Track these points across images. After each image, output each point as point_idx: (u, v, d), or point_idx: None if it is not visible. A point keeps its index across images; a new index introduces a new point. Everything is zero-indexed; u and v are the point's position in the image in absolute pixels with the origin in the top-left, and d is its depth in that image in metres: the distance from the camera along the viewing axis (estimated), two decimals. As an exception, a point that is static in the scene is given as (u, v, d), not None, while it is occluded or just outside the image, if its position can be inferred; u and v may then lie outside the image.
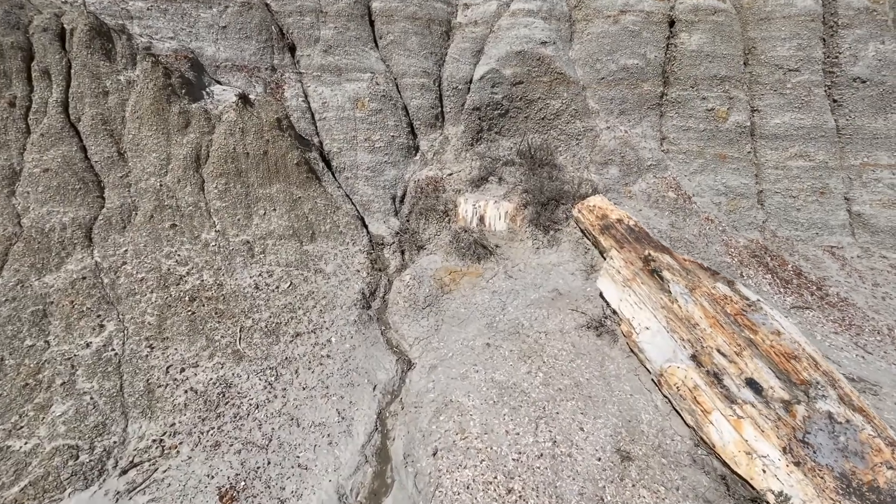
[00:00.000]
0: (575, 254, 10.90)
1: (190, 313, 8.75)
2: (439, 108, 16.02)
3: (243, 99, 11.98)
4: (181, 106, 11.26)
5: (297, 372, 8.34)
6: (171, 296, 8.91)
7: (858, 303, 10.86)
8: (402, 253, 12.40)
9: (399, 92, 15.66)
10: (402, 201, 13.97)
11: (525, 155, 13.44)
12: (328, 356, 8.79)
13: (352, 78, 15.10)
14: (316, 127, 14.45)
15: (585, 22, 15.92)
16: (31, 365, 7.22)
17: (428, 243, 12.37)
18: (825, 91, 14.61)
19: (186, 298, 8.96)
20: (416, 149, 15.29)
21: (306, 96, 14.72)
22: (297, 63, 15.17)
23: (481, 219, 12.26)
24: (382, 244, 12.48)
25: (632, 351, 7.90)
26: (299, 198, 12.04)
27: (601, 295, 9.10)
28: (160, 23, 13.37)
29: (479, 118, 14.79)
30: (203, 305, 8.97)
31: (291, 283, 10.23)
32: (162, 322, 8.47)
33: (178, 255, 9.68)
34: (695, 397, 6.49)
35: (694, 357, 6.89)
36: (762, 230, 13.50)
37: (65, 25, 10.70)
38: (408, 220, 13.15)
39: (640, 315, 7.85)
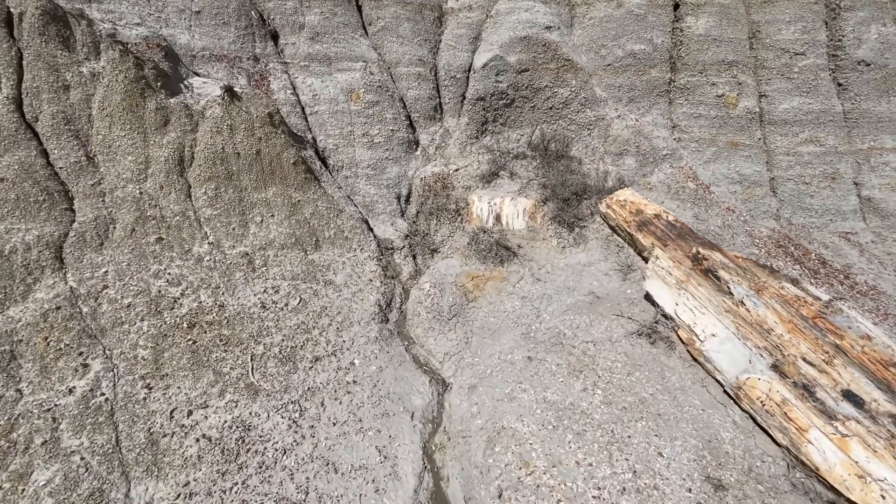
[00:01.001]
0: (606, 252, 10.18)
1: (190, 343, 7.50)
2: (437, 99, 14.96)
3: (229, 92, 10.57)
4: (158, 101, 9.79)
5: (322, 404, 7.26)
6: (165, 323, 7.61)
7: (888, 290, 10.63)
8: (414, 258, 11.38)
9: (394, 82, 14.52)
10: (407, 201, 12.90)
11: (538, 147, 12.60)
12: (354, 382, 7.73)
13: (343, 68, 13.84)
14: (308, 122, 13.14)
15: (586, 6, 15.15)
16: (1, 422, 5.88)
17: (442, 246, 11.39)
18: (830, 75, 14.40)
19: (184, 325, 7.69)
20: (416, 143, 14.21)
21: (294, 88, 13.38)
22: (282, 52, 13.78)
23: (497, 217, 11.37)
24: (392, 249, 11.41)
25: (695, 360, 7.24)
26: (298, 201, 10.80)
27: (648, 298, 8.41)
28: (124, 6, 11.71)
29: (484, 109, 13.84)
30: (205, 332, 7.72)
31: (301, 298, 9.07)
32: (158, 356, 7.19)
33: (169, 273, 8.35)
34: (785, 413, 5.87)
35: (776, 367, 6.28)
36: (777, 218, 13.20)
37: (11, 9, 9.01)
38: (416, 222, 12.11)
39: (703, 321, 7.19)
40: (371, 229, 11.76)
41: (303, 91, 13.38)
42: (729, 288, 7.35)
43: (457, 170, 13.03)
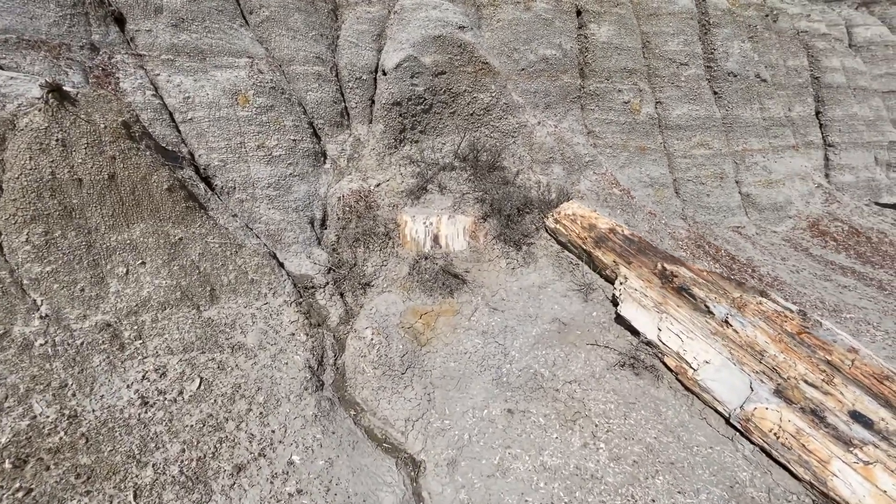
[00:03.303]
0: (559, 271, 9.30)
1: (22, 493, 4.62)
2: (342, 104, 12.86)
3: (56, 93, 7.30)
4: (-73, 105, 6.29)
5: (259, 542, 5.02)
6: (-33, 468, 4.60)
7: (786, 279, 11.57)
8: (342, 296, 9.30)
9: (289, 83, 12.06)
10: (323, 225, 10.65)
11: (467, 158, 11.35)
12: (299, 492, 5.57)
13: (222, 64, 11.01)
14: (180, 132, 10.11)
15: (493, 7, 14.33)
16: None
17: (375, 278, 9.49)
18: (708, 84, 15.66)
19: (6, 464, 4.75)
20: (324, 155, 11.97)
21: (156, 88, 10.22)
22: (132, 41, 10.46)
23: (436, 239, 9.85)
24: (312, 287, 9.17)
25: (688, 390, 6.60)
26: (180, 239, 8.00)
27: (621, 321, 7.66)
28: None
29: (401, 115, 12.15)
30: (47, 468, 4.87)
31: (201, 378, 6.49)
32: (-44, 533, 4.25)
33: (-31, 378, 5.21)
34: (803, 445, 5.42)
35: (779, 392, 5.86)
36: (684, 218, 13.86)
37: None
38: (337, 250, 9.99)
39: (693, 346, 6.59)
40: (282, 265, 9.35)
41: (169, 92, 10.28)
42: (707, 306, 6.91)
43: (378, 185, 11.16)
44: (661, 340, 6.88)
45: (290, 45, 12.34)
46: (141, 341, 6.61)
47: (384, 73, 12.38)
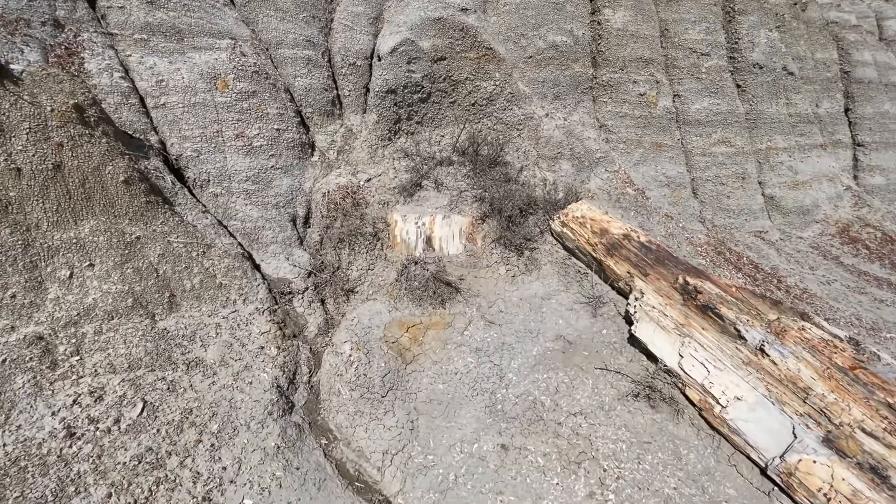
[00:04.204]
0: (565, 280, 8.26)
1: None
2: (334, 91, 11.83)
3: (-6, 70, 6.40)
4: None
5: None
6: None
7: (816, 291, 10.44)
8: (323, 303, 8.34)
9: (276, 68, 11.07)
10: (306, 223, 9.68)
11: (466, 152, 10.31)
12: (247, 548, 4.65)
13: (201, 45, 10.03)
14: (151, 119, 9.18)
15: (500, -11, 13.20)
16: None
17: (360, 284, 8.52)
18: (731, 76, 14.42)
19: None
20: (312, 146, 10.98)
21: (127, 71, 9.28)
22: (104, 18, 9.51)
23: (428, 241, 8.85)
24: (290, 293, 8.22)
25: (714, 430, 5.57)
26: (137, 238, 7.07)
27: (635, 342, 6.63)
28: None
29: (395, 104, 11.12)
30: (-71, 523, 3.98)
31: (145, 403, 5.57)
32: None
33: None
34: (861, 512, 4.40)
35: (829, 442, 4.84)
36: (703, 221, 12.72)
37: None
38: (321, 252, 9.03)
39: (722, 379, 5.56)
40: (257, 267, 8.41)
41: (141, 75, 9.33)
42: (738, 330, 5.86)
43: (368, 180, 10.17)
44: (682, 369, 5.85)
45: (278, 26, 11.33)
46: (78, 357, 5.70)
47: (379, 59, 11.34)
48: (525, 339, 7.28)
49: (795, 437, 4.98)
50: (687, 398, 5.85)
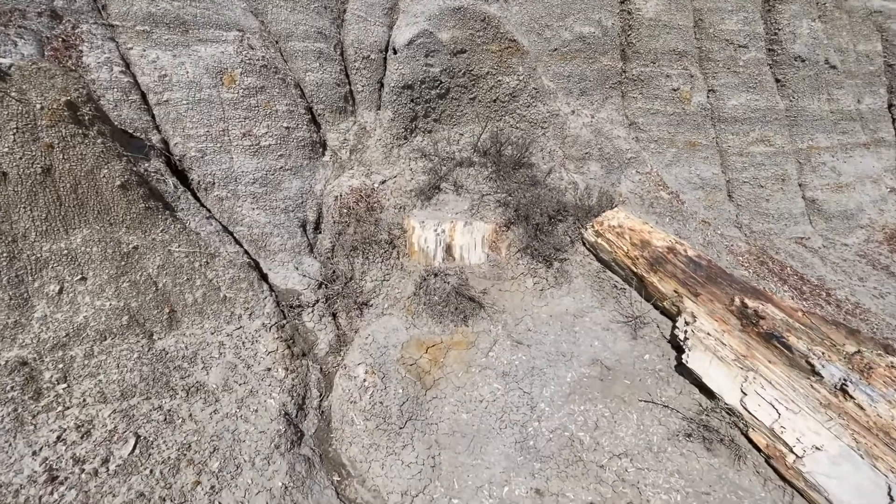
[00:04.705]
0: (600, 295, 7.51)
1: None
2: (347, 87, 11.13)
3: (-23, 63, 5.81)
4: None
5: None
6: None
7: (870, 306, 9.54)
8: (335, 317, 7.70)
9: (285, 62, 10.41)
10: (317, 229, 9.04)
11: (489, 152, 9.56)
12: None
13: (207, 37, 9.39)
14: (153, 117, 8.58)
15: (523, -23, 12.34)
16: None
17: (374, 296, 7.86)
18: (770, 70, 13.43)
19: None
20: (324, 145, 10.33)
21: (128, 65, 8.68)
22: (105, 9, 8.90)
23: (448, 249, 8.15)
24: (299, 306, 7.59)
25: (785, 481, 4.83)
26: (135, 248, 6.48)
27: (684, 370, 5.89)
28: None
29: (412, 100, 10.39)
30: None
31: (138, 438, 4.98)
32: None
33: None
34: None
35: (933, 507, 4.10)
36: (739, 226, 11.84)
37: None
38: (332, 260, 8.39)
39: (797, 423, 4.81)
40: (265, 278, 7.80)
41: (143, 69, 8.73)
42: (812, 365, 5.10)
43: (383, 182, 9.49)
44: (745, 408, 5.10)
45: (288, 17, 10.64)
46: (66, 385, 5.12)
47: (395, 52, 10.61)
48: (557, 363, 6.56)
49: (892, 499, 4.23)
50: (751, 442, 5.11)
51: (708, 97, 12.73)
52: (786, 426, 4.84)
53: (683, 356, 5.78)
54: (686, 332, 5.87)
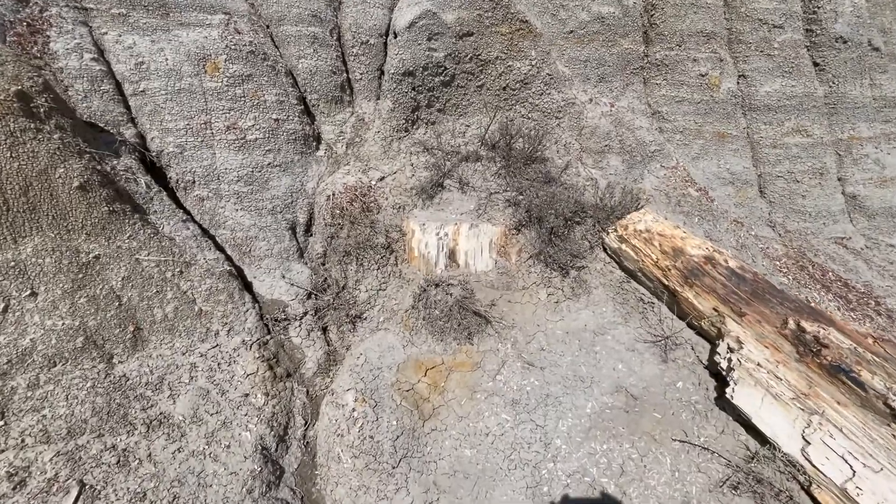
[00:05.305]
0: (623, 310, 6.59)
1: None
2: (344, 74, 10.21)
3: None
4: None
5: None
6: None
7: (925, 318, 8.46)
8: (325, 331, 6.90)
9: (276, 48, 9.53)
10: (307, 231, 8.23)
11: (497, 145, 8.63)
12: None
13: (189, 21, 8.54)
14: (128, 108, 7.80)
15: (536, -47, 11.25)
16: None
17: (369, 308, 7.03)
18: (807, 52, 12.20)
19: None
20: (317, 139, 9.47)
21: (102, 52, 7.88)
22: (76, -10, 8.09)
23: (452, 255, 7.28)
24: (285, 319, 6.80)
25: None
26: (96, 257, 5.71)
27: (726, 404, 4.98)
28: None
29: (414, 88, 9.46)
30: None
31: (83, 487, 4.23)
32: None
33: None
34: None
35: None
36: (773, 225, 10.76)
37: None
38: (324, 266, 7.58)
39: (880, 486, 3.89)
40: (248, 287, 7.01)
41: (118, 56, 7.91)
42: (891, 408, 4.16)
43: (381, 178, 8.62)
44: (808, 459, 4.19)
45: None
46: (2, 423, 4.39)
47: (395, 35, 9.66)
48: (575, 390, 5.68)
49: None
50: (814, 501, 4.20)
51: (738, 83, 11.57)
52: (863, 488, 3.93)
53: (727, 390, 4.87)
54: (731, 360, 4.95)
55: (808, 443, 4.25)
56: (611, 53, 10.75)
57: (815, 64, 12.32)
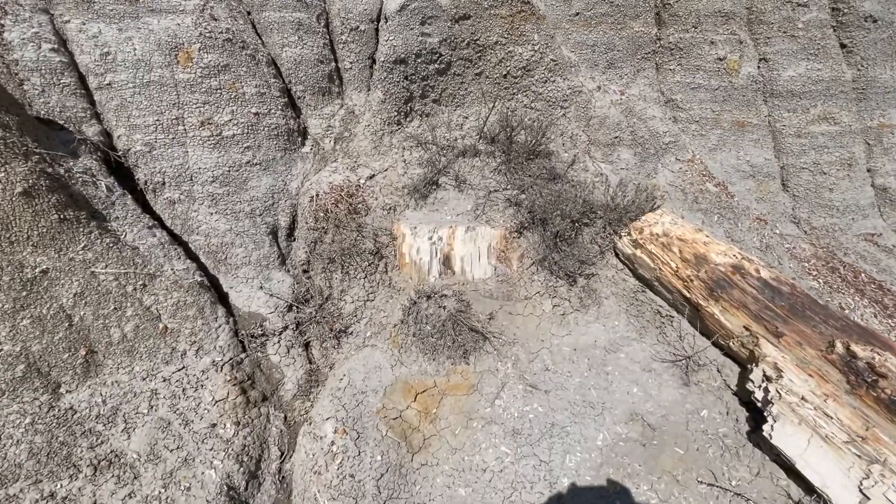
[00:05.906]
0: (638, 323, 5.85)
1: None
2: (332, 63, 9.44)
3: None
4: None
5: None
6: None
7: (970, 324, 7.63)
8: (307, 347, 6.25)
9: (258, 35, 8.79)
10: (290, 236, 7.54)
11: (497, 138, 7.86)
12: None
13: (161, 7, 7.80)
14: (92, 103, 7.12)
15: (538, -72, 10.34)
16: None
17: (355, 321, 6.35)
18: (834, 33, 11.24)
19: None
20: (303, 134, 8.75)
21: (63, 42, 7.20)
22: (36, -26, 7.37)
23: (446, 261, 6.57)
24: (263, 335, 6.14)
25: None
26: (44, 272, 5.07)
27: (761, 440, 4.27)
28: None
29: (406, 77, 8.69)
30: None
31: (8, 549, 3.64)
32: None
33: None
34: None
35: None
36: (797, 222, 9.93)
37: None
38: (307, 274, 6.90)
39: (958, 554, 3.18)
40: (223, 300, 6.35)
41: (82, 47, 7.22)
42: (970, 455, 3.43)
43: (371, 176, 7.91)
44: (867, 516, 3.48)
45: (261, -18, 8.94)
46: (-82, 471, 3.77)
47: (386, 20, 8.88)
48: (584, 418, 4.99)
49: None
50: (874, 566, 3.51)
51: (759, 67, 10.65)
52: (941, 558, 3.23)
53: (765, 427, 4.15)
54: (767, 391, 4.22)
55: (868, 498, 3.54)
56: (620, 37, 9.89)
57: (843, 45, 11.36)
